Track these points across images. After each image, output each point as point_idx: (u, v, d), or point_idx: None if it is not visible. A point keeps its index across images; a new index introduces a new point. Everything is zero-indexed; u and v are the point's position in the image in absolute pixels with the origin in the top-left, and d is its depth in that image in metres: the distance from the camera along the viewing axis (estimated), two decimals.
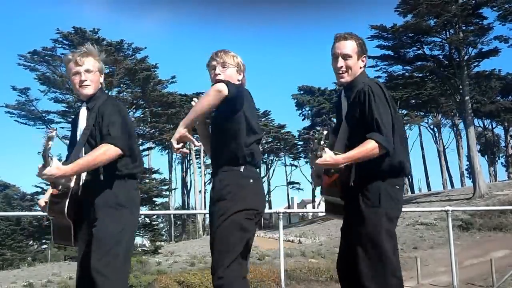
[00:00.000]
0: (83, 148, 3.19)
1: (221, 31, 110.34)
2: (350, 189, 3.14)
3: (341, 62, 3.20)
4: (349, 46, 3.22)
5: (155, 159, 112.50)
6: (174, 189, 53.74)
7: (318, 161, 2.94)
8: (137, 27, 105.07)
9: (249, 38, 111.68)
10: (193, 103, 3.11)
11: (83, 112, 3.30)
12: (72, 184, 3.15)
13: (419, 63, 38.54)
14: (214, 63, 3.17)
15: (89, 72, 3.28)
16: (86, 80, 3.26)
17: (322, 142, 2.92)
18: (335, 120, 3.53)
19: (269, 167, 64.25)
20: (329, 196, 3.32)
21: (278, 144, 61.38)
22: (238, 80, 3.20)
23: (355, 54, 3.22)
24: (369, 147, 2.98)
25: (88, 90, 3.28)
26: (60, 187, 3.13)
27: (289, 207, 62.33)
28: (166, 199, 53.23)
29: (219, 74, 3.14)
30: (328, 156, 2.94)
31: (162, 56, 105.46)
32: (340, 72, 3.21)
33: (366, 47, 3.34)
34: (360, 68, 3.27)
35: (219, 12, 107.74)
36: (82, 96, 3.32)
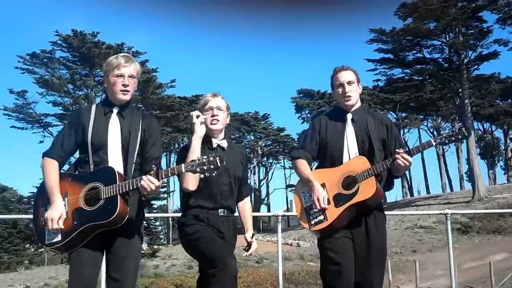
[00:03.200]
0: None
1: (221, 34, 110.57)
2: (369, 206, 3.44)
3: (348, 87, 3.57)
4: (350, 75, 3.62)
5: None
6: (172, 191, 53.64)
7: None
8: (136, 31, 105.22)
9: (249, 41, 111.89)
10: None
11: (115, 119, 3.23)
12: None
13: (419, 66, 38.57)
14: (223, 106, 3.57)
15: (132, 78, 3.25)
16: (128, 85, 3.22)
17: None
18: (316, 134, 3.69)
19: (268, 170, 64.28)
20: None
21: (277, 147, 61.44)
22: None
23: (356, 81, 3.63)
24: None
25: (127, 97, 3.25)
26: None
27: (288, 210, 62.07)
28: (164, 202, 53.19)
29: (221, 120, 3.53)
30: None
31: (160, 59, 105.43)
32: (348, 96, 3.57)
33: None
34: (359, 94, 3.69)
35: (219, 15, 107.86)
36: (118, 101, 3.25)
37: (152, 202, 35.99)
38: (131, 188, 3.00)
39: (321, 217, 3.40)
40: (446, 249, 8.75)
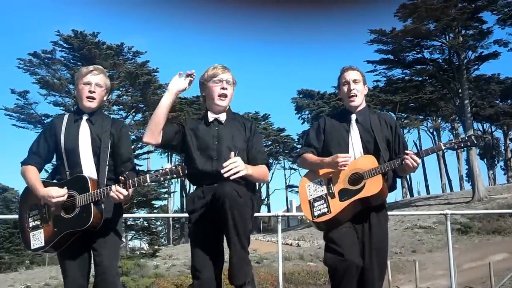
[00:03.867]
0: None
1: (221, 35, 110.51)
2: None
3: (352, 85, 3.62)
4: (357, 74, 3.68)
5: (154, 162, 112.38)
6: (173, 192, 53.69)
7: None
8: (137, 31, 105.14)
9: (249, 41, 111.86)
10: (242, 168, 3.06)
11: (85, 125, 3.44)
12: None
13: (419, 66, 38.54)
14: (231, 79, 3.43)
15: (99, 87, 3.47)
16: (94, 92, 3.44)
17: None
18: (316, 134, 3.74)
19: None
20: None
21: (278, 148, 61.31)
22: None
23: (361, 81, 3.68)
24: None
25: (93, 104, 3.45)
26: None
27: (288, 210, 62.10)
28: (165, 202, 53.15)
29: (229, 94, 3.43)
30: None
31: (160, 59, 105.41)
32: (352, 94, 3.62)
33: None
34: (364, 95, 3.72)
35: (219, 16, 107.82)
36: (86, 108, 3.46)
37: (153, 202, 35.96)
38: (102, 197, 3.20)
39: (325, 209, 3.44)
40: (446, 250, 8.76)
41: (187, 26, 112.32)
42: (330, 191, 3.48)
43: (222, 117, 3.37)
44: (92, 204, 3.19)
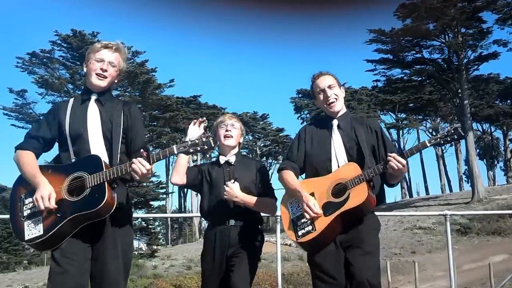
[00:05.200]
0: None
1: (220, 34, 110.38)
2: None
3: (329, 92, 3.43)
4: (330, 78, 3.48)
5: None
6: (171, 192, 53.61)
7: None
8: (136, 31, 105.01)
9: (248, 41, 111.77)
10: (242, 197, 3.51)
11: (93, 106, 3.08)
12: None
13: (418, 66, 38.51)
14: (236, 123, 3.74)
15: (112, 65, 3.13)
16: (106, 71, 3.10)
17: None
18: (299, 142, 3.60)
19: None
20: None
21: (276, 148, 61.30)
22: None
23: (336, 84, 3.48)
24: None
25: (103, 83, 3.10)
26: None
27: None
28: (163, 202, 53.14)
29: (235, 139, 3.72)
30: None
31: (159, 59, 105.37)
32: (332, 101, 3.42)
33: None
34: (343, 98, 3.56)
35: (218, 16, 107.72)
36: (95, 87, 3.11)
37: (151, 202, 35.98)
38: (120, 174, 2.81)
39: (309, 227, 3.18)
40: (445, 250, 8.71)
41: (187, 26, 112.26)
42: None
43: (232, 159, 3.66)
44: (106, 183, 2.78)
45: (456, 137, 3.11)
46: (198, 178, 3.66)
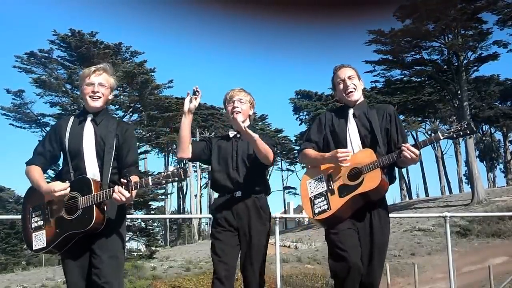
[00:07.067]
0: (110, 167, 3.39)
1: (219, 35, 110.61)
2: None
3: (348, 81, 3.65)
4: (350, 70, 3.71)
5: (151, 162, 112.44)
6: (170, 193, 53.63)
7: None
8: (135, 31, 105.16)
9: (247, 42, 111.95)
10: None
11: (89, 126, 3.43)
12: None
13: (418, 67, 38.49)
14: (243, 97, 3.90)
15: (102, 86, 3.46)
16: (98, 92, 3.42)
17: None
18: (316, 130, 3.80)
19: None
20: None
21: (275, 149, 61.27)
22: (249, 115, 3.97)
23: (356, 76, 3.70)
24: None
25: (97, 103, 3.44)
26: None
27: (285, 212, 62.13)
28: (162, 203, 53.10)
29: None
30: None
31: (158, 59, 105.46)
32: (350, 90, 3.63)
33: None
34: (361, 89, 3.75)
35: (217, 16, 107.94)
36: (90, 108, 3.45)
37: (150, 203, 35.89)
38: (104, 199, 3.20)
39: (325, 206, 3.44)
40: (445, 252, 8.67)
41: (185, 27, 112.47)
42: (330, 187, 3.47)
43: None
44: (94, 205, 3.19)
45: (468, 132, 3.38)
46: (205, 152, 3.84)
